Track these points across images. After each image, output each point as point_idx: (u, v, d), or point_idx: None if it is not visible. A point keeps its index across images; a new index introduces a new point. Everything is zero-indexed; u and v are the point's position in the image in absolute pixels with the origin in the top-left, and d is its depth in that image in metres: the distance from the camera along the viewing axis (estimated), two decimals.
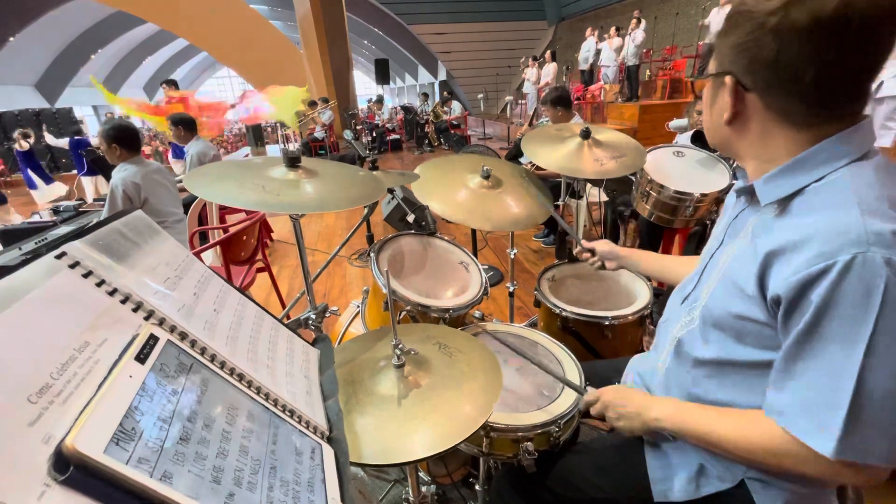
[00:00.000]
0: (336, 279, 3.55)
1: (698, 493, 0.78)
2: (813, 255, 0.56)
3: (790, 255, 0.59)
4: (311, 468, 0.54)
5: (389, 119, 12.00)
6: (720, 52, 0.67)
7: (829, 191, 0.61)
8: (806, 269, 0.56)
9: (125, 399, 0.40)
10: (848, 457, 0.56)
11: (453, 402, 0.79)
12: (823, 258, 0.55)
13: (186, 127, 3.64)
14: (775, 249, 0.61)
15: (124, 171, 2.38)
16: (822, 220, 0.58)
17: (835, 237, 0.55)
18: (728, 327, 0.69)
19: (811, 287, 0.56)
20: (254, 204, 0.87)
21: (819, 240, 0.56)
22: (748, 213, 0.75)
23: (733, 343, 0.69)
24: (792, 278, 0.57)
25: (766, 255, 0.62)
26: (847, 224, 0.55)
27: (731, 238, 0.77)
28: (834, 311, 0.55)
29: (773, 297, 0.61)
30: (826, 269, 0.55)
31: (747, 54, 0.62)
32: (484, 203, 1.38)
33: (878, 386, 0.54)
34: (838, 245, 0.54)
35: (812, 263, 0.56)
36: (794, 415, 0.61)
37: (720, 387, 0.73)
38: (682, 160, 2.09)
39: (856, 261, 0.53)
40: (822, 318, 0.56)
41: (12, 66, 15.13)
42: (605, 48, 9.68)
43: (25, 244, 2.47)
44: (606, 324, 1.32)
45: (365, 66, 27.29)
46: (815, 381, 0.58)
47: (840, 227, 0.56)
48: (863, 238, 0.54)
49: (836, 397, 0.56)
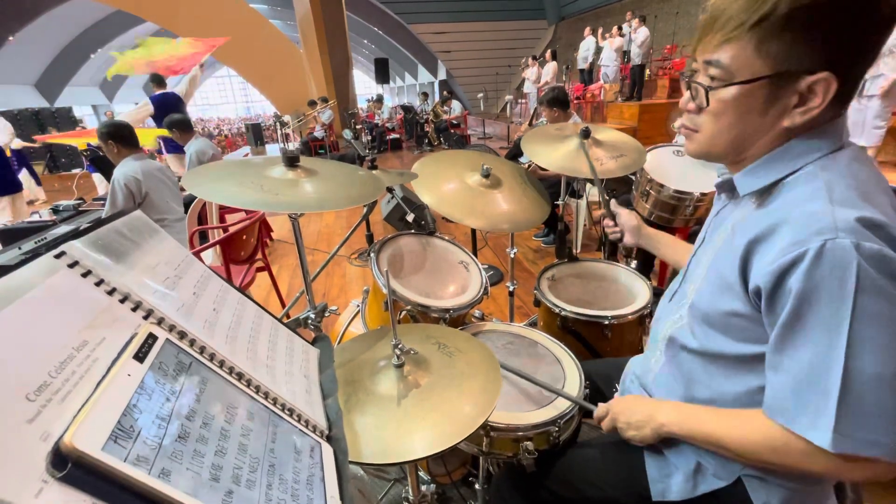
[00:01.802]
0: (336, 279, 3.55)
1: (696, 492, 0.78)
2: (786, 245, 0.57)
3: (766, 245, 0.60)
4: (310, 467, 0.54)
5: (389, 118, 11.99)
6: (776, 46, 0.58)
7: (803, 182, 0.62)
8: (780, 259, 0.57)
9: (123, 397, 0.40)
10: (848, 449, 0.56)
11: (453, 401, 0.79)
12: (795, 247, 0.56)
13: (181, 128, 3.65)
14: (752, 240, 0.62)
15: (125, 167, 2.41)
16: (794, 210, 0.60)
17: (805, 226, 0.56)
18: (716, 323, 0.70)
19: (786, 276, 0.57)
20: (253, 203, 0.87)
21: (792, 229, 0.58)
22: (729, 209, 0.76)
23: (723, 338, 0.70)
24: (768, 268, 0.58)
25: (746, 246, 0.63)
26: (816, 213, 0.57)
27: (712, 235, 0.78)
28: (810, 299, 0.56)
29: (754, 289, 0.61)
30: (798, 258, 0.56)
31: (847, 52, 0.57)
32: (483, 201, 1.38)
33: (866, 371, 0.54)
34: (808, 233, 0.56)
35: (785, 252, 0.57)
36: (787, 409, 0.61)
37: (713, 382, 0.74)
38: (682, 159, 2.08)
39: (825, 248, 0.54)
40: (801, 307, 0.57)
41: (12, 66, 15.14)
42: (605, 47, 9.66)
43: (25, 243, 2.47)
44: (606, 323, 1.31)
45: (365, 66, 27.29)
46: (801, 372, 0.58)
47: (810, 216, 0.57)
48: (831, 225, 0.55)
49: (825, 386, 0.56)
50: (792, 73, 0.59)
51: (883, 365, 0.54)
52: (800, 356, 0.58)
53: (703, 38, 0.65)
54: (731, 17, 0.60)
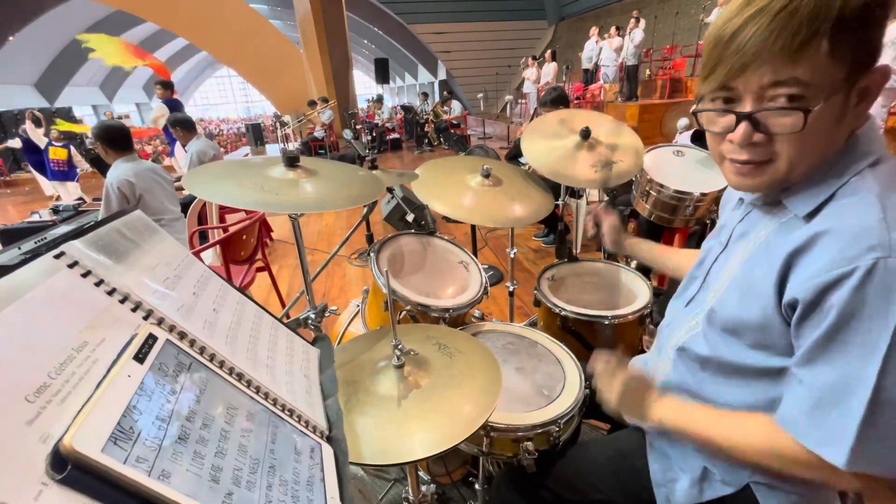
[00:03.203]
0: (336, 279, 3.55)
1: (702, 498, 0.76)
2: (833, 259, 0.54)
3: (808, 257, 0.58)
4: (310, 467, 0.54)
5: (389, 118, 11.99)
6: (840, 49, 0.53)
7: (853, 194, 0.59)
8: (826, 273, 0.54)
9: (123, 398, 0.39)
10: (860, 468, 0.55)
11: (453, 402, 0.79)
12: (844, 263, 0.53)
13: (185, 127, 3.65)
14: (793, 251, 0.59)
15: (117, 169, 2.42)
16: (844, 223, 0.56)
17: (856, 241, 0.54)
18: (737, 332, 0.68)
19: (830, 292, 0.54)
20: (253, 203, 0.87)
21: (839, 242, 0.55)
22: (757, 215, 0.72)
23: (741, 347, 0.68)
24: (810, 282, 0.56)
25: (786, 258, 0.60)
26: (869, 228, 0.54)
27: (738, 241, 0.74)
28: (854, 317, 0.53)
29: (790, 301, 0.59)
30: (847, 274, 0.53)
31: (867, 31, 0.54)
32: (485, 200, 1.38)
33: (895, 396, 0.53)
34: (859, 250, 0.53)
35: (833, 267, 0.54)
36: (801, 422, 0.59)
37: (724, 390, 0.72)
38: (682, 160, 2.08)
39: (877, 266, 0.52)
40: (841, 325, 0.54)
41: (12, 66, 15.13)
42: (604, 48, 9.67)
43: (25, 244, 2.47)
44: (606, 323, 1.31)
45: (365, 66, 27.28)
46: (826, 388, 0.56)
47: (862, 232, 0.54)
48: (885, 243, 0.52)
49: (850, 406, 0.54)
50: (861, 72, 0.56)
51: None
52: (828, 373, 0.57)
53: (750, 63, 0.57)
54: (796, 31, 0.53)
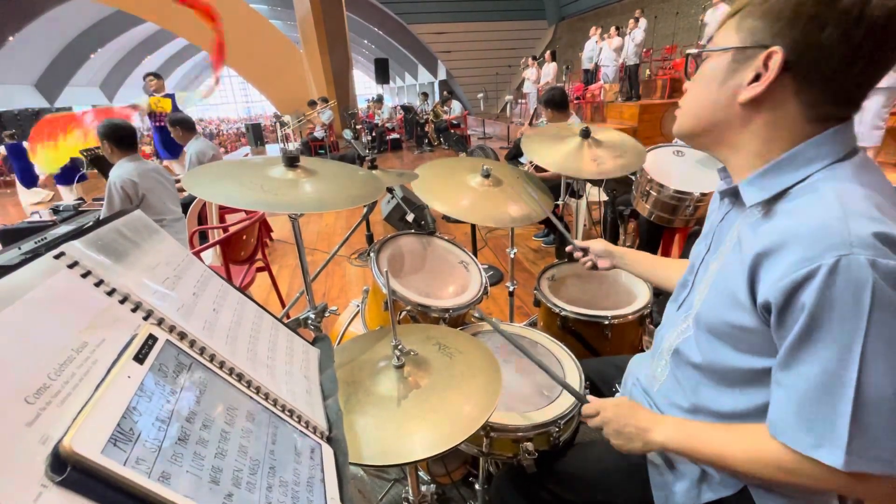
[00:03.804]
0: (336, 279, 3.54)
1: (700, 500, 0.76)
2: (797, 259, 0.55)
3: (776, 258, 0.58)
4: (310, 468, 0.54)
5: (389, 118, 11.98)
6: (748, 22, 0.61)
7: (813, 192, 0.59)
8: (792, 274, 0.55)
9: (123, 399, 0.39)
10: (861, 467, 0.55)
11: (453, 402, 0.79)
12: (808, 262, 0.54)
13: (184, 127, 3.65)
14: (761, 253, 0.59)
15: (121, 169, 2.41)
16: (805, 222, 0.57)
17: (818, 240, 0.54)
18: (723, 334, 0.68)
19: (798, 292, 0.55)
20: (253, 203, 0.87)
21: (803, 243, 0.55)
22: (733, 215, 0.73)
23: (729, 350, 0.68)
24: (779, 283, 0.56)
25: (753, 259, 0.60)
26: (830, 226, 0.54)
27: (717, 243, 0.75)
28: (823, 316, 0.54)
29: (763, 304, 0.59)
30: (811, 274, 0.54)
31: (801, 32, 0.56)
32: (485, 201, 1.38)
33: (881, 390, 0.53)
34: (821, 248, 0.53)
35: (797, 267, 0.55)
36: (789, 426, 0.59)
37: (720, 395, 0.72)
38: (682, 160, 2.09)
39: (840, 264, 0.52)
40: (812, 324, 0.55)
41: (12, 66, 15.13)
42: (604, 48, 9.67)
43: (25, 244, 2.46)
44: (606, 323, 1.31)
45: (365, 66, 27.26)
46: (808, 389, 0.56)
47: (823, 230, 0.54)
48: (846, 240, 0.53)
49: (837, 405, 0.54)
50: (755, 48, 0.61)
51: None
52: (806, 373, 0.57)
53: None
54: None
